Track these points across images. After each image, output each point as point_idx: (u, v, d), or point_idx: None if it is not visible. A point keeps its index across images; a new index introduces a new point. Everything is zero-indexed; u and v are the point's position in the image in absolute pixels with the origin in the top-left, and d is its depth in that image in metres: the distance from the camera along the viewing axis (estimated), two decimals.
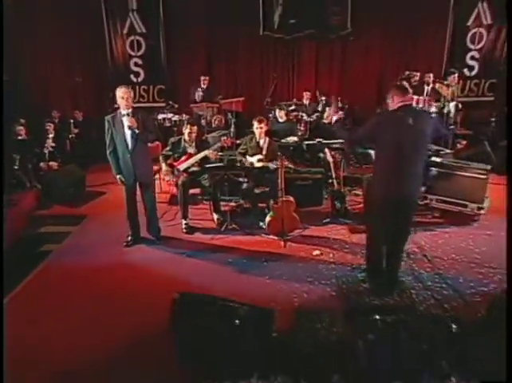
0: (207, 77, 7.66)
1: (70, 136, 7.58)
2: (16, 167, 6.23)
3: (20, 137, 6.63)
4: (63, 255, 4.38)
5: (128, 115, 4.03)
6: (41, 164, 6.65)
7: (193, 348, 2.45)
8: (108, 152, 4.23)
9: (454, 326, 2.36)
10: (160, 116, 7.49)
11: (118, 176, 4.27)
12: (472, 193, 4.92)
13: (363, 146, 3.61)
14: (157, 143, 6.18)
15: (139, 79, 8.54)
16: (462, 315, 2.93)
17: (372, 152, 3.44)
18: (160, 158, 5.06)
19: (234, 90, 8.48)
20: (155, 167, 5.12)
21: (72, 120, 7.80)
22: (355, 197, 5.63)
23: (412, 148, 2.94)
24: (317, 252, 4.15)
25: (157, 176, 5.56)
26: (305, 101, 8.01)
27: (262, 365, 2.27)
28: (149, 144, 4.53)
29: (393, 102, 2.97)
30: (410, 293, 3.33)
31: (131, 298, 3.46)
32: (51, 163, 6.72)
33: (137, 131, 4.07)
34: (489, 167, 4.94)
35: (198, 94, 7.49)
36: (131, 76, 8.56)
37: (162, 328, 2.74)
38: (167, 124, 7.33)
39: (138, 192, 4.44)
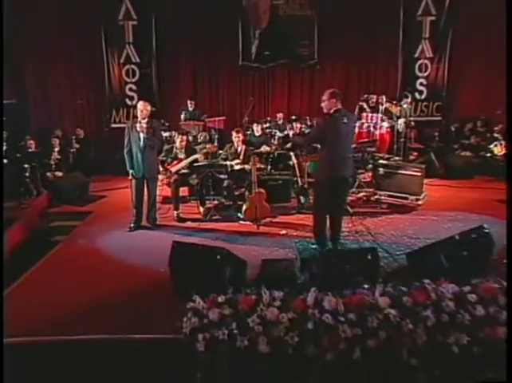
0: (193, 101, 8.70)
1: (72, 150, 8.45)
2: (27, 175, 7.06)
3: (30, 150, 7.52)
4: (75, 238, 5.21)
5: (140, 122, 4.96)
6: (48, 174, 7.49)
7: (185, 277, 3.31)
8: (125, 151, 5.11)
9: (369, 257, 3.29)
10: None
11: (130, 171, 5.12)
12: (411, 188, 5.95)
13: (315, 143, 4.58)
14: None
15: (134, 102, 9.41)
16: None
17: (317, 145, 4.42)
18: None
19: (217, 110, 9.43)
20: None
21: (74, 137, 8.70)
22: None
23: (346, 138, 3.99)
24: (283, 231, 5.09)
25: None
26: (279, 121, 9.08)
27: (235, 283, 3.15)
28: None
29: (329, 106, 4.02)
30: None
31: (137, 263, 4.32)
32: (56, 172, 7.58)
33: (145, 136, 4.99)
34: (423, 165, 6.02)
35: (186, 115, 8.51)
36: (127, 99, 9.47)
37: (159, 277, 3.65)
38: None
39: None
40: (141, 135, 5.02)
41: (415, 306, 2.85)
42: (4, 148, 7.29)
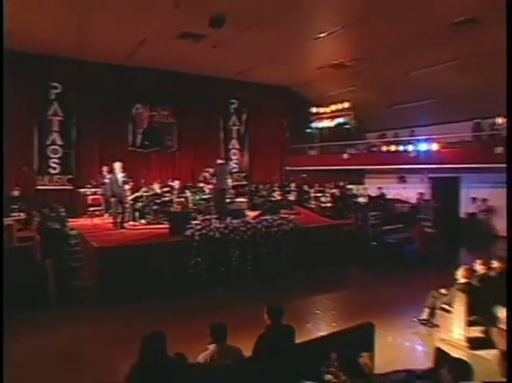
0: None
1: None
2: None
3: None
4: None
5: (119, 173, 9.59)
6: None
7: (178, 224, 8.33)
8: (108, 188, 9.59)
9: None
10: (82, 190, 12.23)
11: (113, 199, 9.56)
12: (243, 207, 12.16)
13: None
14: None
15: (56, 171, 12.97)
16: None
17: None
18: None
19: None
20: None
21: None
22: None
23: (223, 173, 9.99)
24: None
25: None
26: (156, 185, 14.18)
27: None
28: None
29: (218, 162, 10.00)
30: None
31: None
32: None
33: (123, 178, 9.63)
34: (246, 196, 12.39)
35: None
36: (50, 169, 12.88)
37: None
38: (88, 193, 12.14)
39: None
40: (119, 178, 9.66)
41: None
42: None
